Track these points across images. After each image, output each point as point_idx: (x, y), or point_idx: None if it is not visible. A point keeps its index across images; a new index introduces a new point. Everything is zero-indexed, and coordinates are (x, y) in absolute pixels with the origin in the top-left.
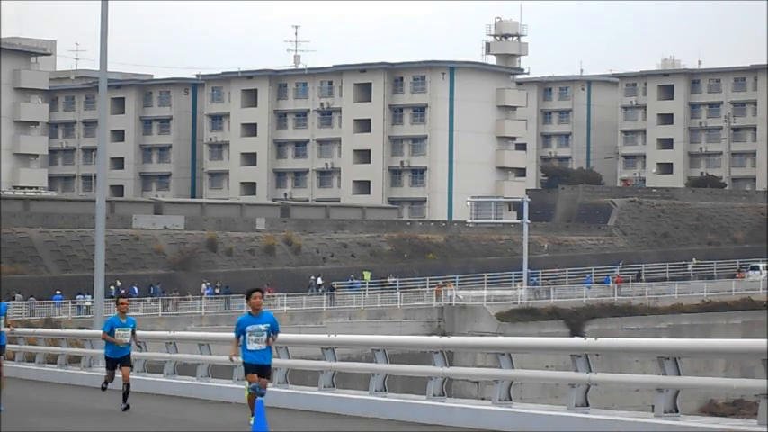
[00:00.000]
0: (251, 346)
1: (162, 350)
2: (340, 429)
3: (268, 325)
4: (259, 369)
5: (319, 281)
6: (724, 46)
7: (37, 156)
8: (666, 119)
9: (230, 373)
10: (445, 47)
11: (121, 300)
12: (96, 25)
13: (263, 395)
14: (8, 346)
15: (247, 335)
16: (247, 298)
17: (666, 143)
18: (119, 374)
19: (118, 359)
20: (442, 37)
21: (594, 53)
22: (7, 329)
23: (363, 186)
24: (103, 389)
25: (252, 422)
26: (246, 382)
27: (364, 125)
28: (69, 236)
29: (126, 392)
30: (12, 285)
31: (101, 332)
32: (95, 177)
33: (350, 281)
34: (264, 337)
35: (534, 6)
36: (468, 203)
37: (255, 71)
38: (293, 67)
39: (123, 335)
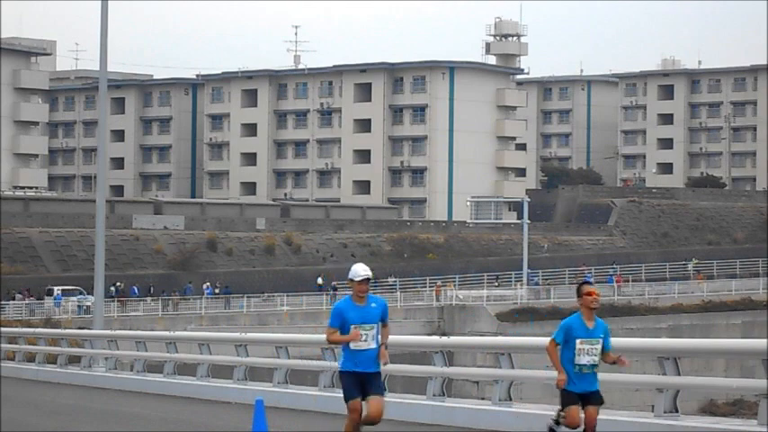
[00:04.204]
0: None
1: (162, 350)
2: (340, 429)
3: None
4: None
5: (320, 281)
6: (724, 46)
7: (37, 156)
8: (666, 119)
9: (230, 373)
10: (445, 47)
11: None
12: (96, 25)
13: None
14: (8, 346)
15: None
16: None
17: (666, 143)
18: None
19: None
20: (442, 37)
21: (594, 53)
22: None
23: (363, 186)
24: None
25: None
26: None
27: (364, 125)
28: (69, 236)
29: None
30: (12, 285)
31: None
32: (95, 177)
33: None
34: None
35: (534, 6)
36: (468, 203)
37: (255, 71)
38: (293, 67)
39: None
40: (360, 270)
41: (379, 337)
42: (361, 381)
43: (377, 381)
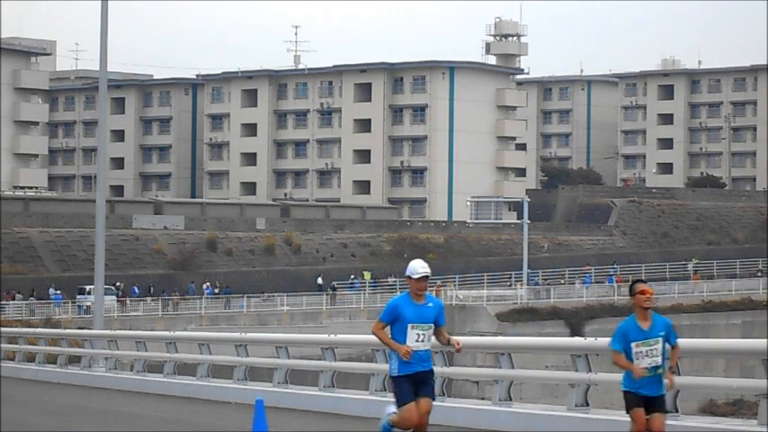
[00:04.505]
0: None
1: (162, 350)
2: (340, 429)
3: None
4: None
5: (319, 281)
6: (724, 46)
7: (37, 156)
8: (666, 119)
9: (230, 373)
10: (445, 47)
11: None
12: (96, 25)
13: None
14: (8, 346)
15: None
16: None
17: (666, 143)
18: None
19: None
20: (442, 37)
21: (594, 53)
22: None
23: (363, 186)
24: None
25: None
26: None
27: (364, 125)
28: (69, 236)
29: None
30: (12, 285)
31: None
32: (95, 177)
33: (350, 281)
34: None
35: (534, 6)
36: (468, 203)
37: (255, 71)
38: (293, 67)
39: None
40: (418, 267)
41: (434, 339)
42: (414, 381)
43: (429, 380)
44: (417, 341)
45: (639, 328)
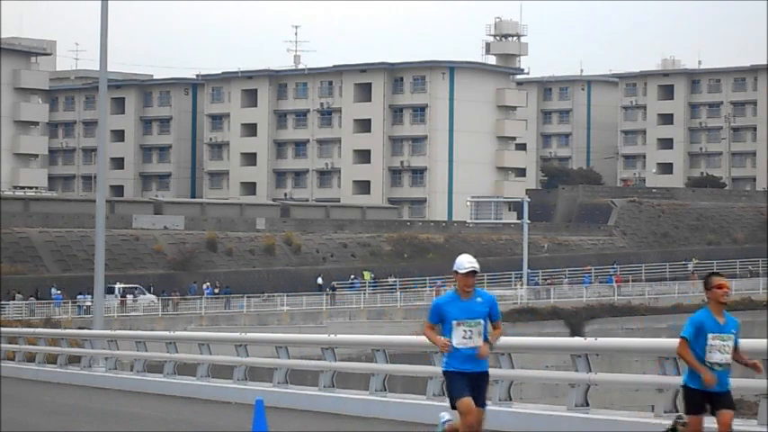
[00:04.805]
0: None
1: (162, 350)
2: (340, 429)
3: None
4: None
5: (319, 281)
6: (724, 46)
7: (37, 156)
8: (666, 119)
9: (230, 373)
10: (445, 47)
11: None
12: (96, 25)
13: None
14: (8, 346)
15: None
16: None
17: (666, 143)
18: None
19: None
20: (442, 37)
21: (594, 53)
22: None
23: (363, 186)
24: None
25: None
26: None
27: (364, 125)
28: (69, 236)
29: None
30: (12, 285)
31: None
32: (95, 177)
33: (350, 281)
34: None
35: (534, 6)
36: (468, 203)
37: (255, 71)
38: (293, 67)
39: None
40: (465, 261)
41: (488, 334)
42: (471, 381)
43: (483, 386)
44: (465, 338)
45: (716, 322)
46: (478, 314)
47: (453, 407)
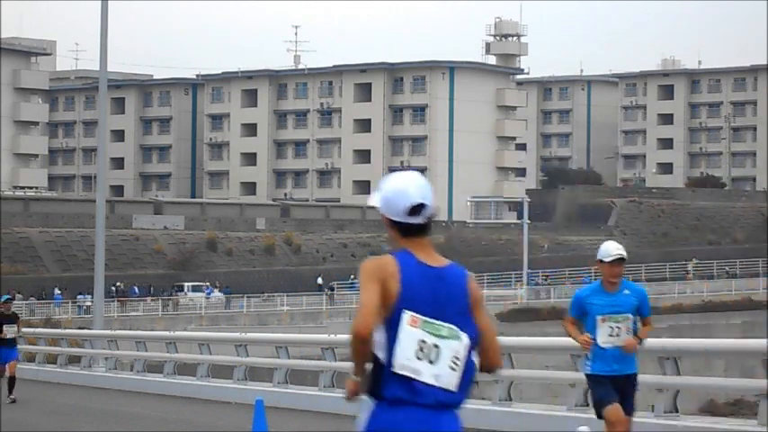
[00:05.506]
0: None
1: (162, 350)
2: (340, 429)
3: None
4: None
5: (319, 281)
6: (724, 46)
7: (37, 156)
8: (666, 119)
9: (230, 373)
10: (445, 47)
11: None
12: (96, 25)
13: None
14: None
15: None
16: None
17: (666, 143)
18: None
19: None
20: (442, 37)
21: (594, 53)
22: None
23: (363, 186)
24: None
25: None
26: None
27: (364, 125)
28: (69, 236)
29: None
30: (12, 285)
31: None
32: (95, 177)
33: (350, 281)
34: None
35: (534, 6)
36: (469, 203)
37: (255, 71)
38: (293, 67)
39: None
40: (612, 248)
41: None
42: (615, 386)
43: (631, 390)
44: (611, 336)
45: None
46: (627, 308)
47: (599, 415)
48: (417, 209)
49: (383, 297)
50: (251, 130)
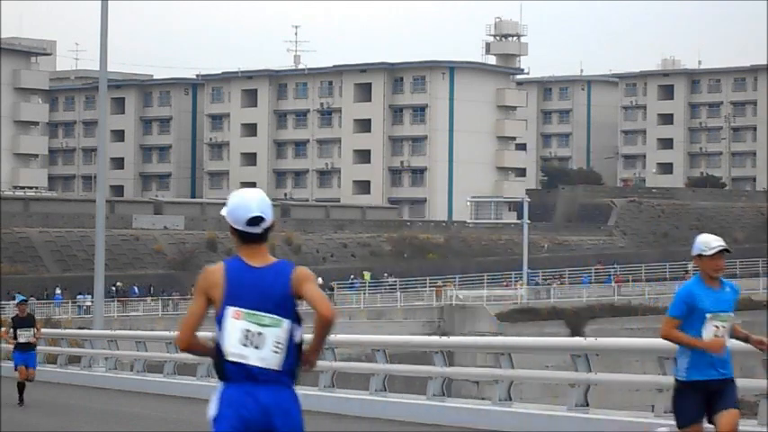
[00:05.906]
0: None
1: (162, 350)
2: (340, 429)
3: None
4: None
5: (319, 281)
6: (724, 46)
7: (37, 156)
8: (666, 119)
9: None
10: (445, 47)
11: None
12: (96, 25)
13: None
14: (8, 346)
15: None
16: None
17: (666, 143)
18: None
19: None
20: (442, 37)
21: (594, 53)
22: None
23: (363, 186)
24: None
25: None
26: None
27: (364, 125)
28: (69, 236)
29: None
30: (12, 285)
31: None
32: (95, 177)
33: (350, 281)
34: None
35: (534, 6)
36: (469, 203)
37: (255, 71)
38: (293, 67)
39: None
40: (712, 240)
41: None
42: (708, 393)
43: (731, 389)
44: (717, 336)
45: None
46: (730, 307)
47: (680, 426)
48: (255, 220)
49: (212, 301)
50: (251, 130)
